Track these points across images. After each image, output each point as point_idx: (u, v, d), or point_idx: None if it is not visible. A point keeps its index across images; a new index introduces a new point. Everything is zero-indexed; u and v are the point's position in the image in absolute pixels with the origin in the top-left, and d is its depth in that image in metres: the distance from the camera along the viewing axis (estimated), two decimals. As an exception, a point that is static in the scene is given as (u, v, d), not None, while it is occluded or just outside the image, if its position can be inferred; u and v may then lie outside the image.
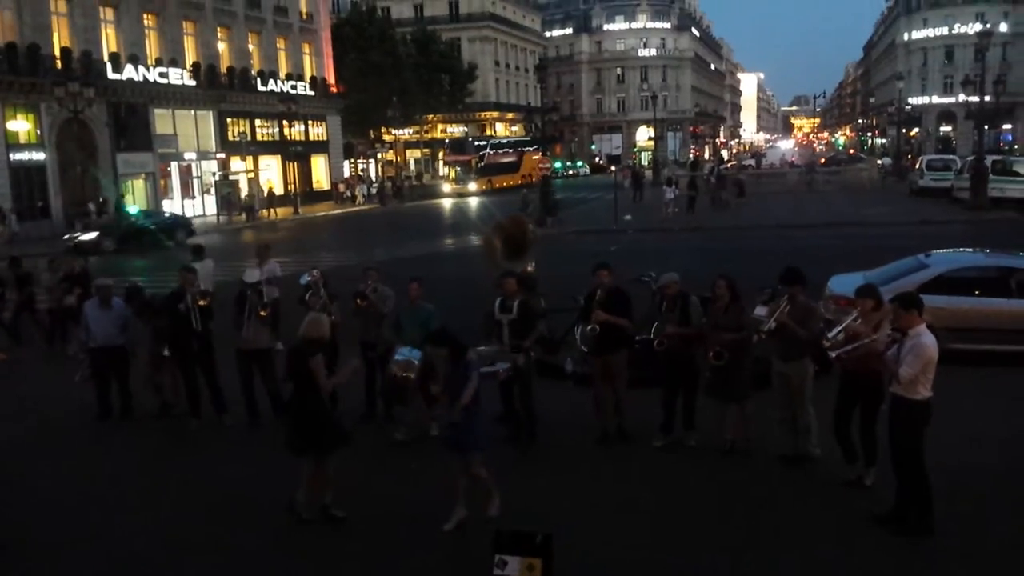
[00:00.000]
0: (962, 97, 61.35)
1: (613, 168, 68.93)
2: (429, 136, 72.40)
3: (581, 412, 9.78)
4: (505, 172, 64.34)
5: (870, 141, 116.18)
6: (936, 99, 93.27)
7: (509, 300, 9.28)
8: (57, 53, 37.95)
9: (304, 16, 56.68)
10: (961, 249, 15.11)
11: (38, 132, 37.70)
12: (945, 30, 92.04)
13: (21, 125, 37.30)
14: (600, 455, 9.08)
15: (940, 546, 6.81)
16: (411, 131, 72.00)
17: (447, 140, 68.55)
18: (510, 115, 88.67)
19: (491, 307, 9.39)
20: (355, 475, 8.11)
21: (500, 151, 66.26)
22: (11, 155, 36.30)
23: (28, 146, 37.38)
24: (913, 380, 6.73)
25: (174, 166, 46.15)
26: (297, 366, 7.48)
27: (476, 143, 65.75)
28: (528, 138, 75.14)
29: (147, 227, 32.71)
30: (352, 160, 66.85)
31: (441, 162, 65.57)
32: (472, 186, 60.28)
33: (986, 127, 35.45)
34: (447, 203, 54.05)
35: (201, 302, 10.19)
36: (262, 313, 10.11)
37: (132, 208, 37.06)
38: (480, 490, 7.45)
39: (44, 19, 38.19)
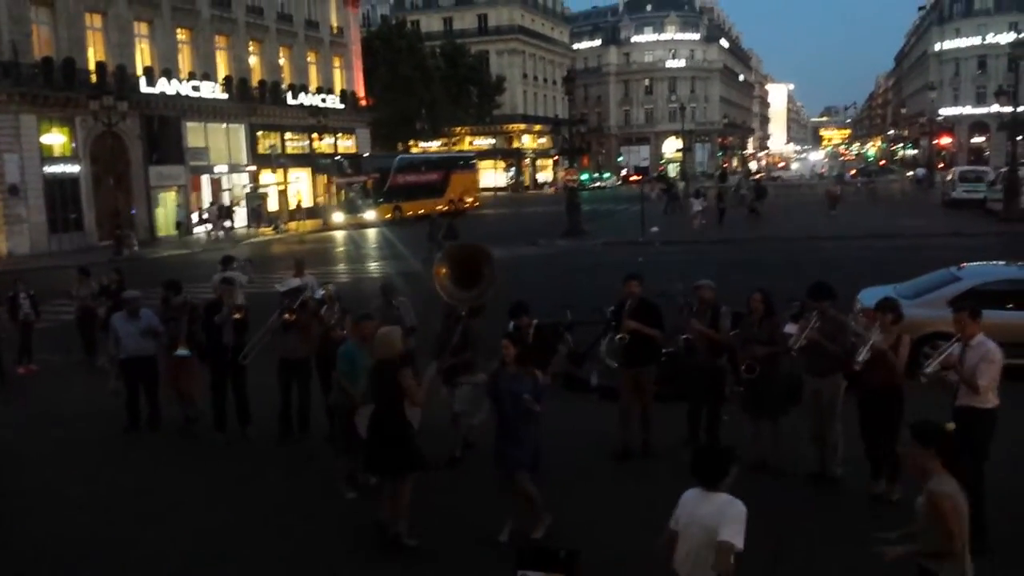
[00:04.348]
0: (995, 108, 60.54)
1: (657, 175, 61.06)
2: (457, 148, 72.60)
3: (606, 426, 9.68)
4: (421, 196, 49.65)
5: (900, 152, 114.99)
6: (969, 109, 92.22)
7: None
8: (92, 67, 38.54)
9: (335, 30, 57.23)
10: (994, 262, 14.89)
11: (72, 145, 38.29)
12: (978, 40, 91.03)
13: (56, 138, 37.89)
14: (625, 469, 8.99)
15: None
16: (439, 143, 72.31)
17: (336, 157, 52.71)
18: (537, 127, 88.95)
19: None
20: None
21: (416, 169, 52.57)
22: (45, 168, 36.85)
23: (63, 159, 37.96)
24: (987, 388, 6.67)
25: (205, 179, 46.65)
26: (380, 384, 7.15)
27: (376, 159, 52.28)
28: (461, 153, 64.17)
29: None
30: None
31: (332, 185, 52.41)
32: (370, 215, 46.82)
33: (1019, 138, 34.97)
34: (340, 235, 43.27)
35: (236, 316, 10.13)
36: (287, 316, 9.96)
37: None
38: (526, 511, 7.27)
39: (80, 34, 38.85)
